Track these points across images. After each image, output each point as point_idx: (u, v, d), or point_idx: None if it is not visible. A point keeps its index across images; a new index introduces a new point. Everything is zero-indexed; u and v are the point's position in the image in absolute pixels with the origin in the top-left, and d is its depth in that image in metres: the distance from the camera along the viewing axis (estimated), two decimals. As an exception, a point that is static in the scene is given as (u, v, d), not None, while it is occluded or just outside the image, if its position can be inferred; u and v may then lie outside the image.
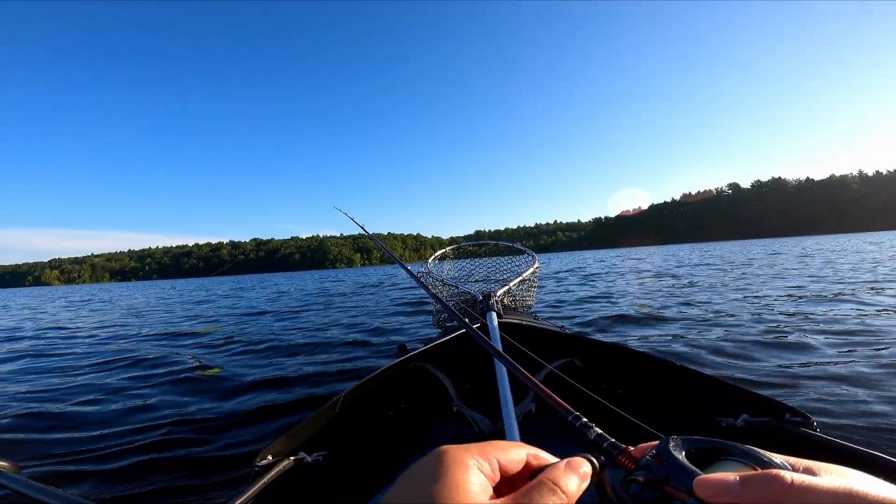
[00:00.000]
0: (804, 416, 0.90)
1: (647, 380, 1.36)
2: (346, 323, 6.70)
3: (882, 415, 2.00)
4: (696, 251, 35.62)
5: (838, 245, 26.94)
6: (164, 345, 5.71)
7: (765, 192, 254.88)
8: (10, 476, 0.77)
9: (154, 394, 3.23)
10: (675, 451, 0.37)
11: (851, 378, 2.51)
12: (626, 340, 4.06)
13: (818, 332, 3.71)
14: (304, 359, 4.22)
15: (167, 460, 2.07)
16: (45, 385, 3.72)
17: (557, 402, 0.57)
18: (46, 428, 2.63)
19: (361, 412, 1.33)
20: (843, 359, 2.91)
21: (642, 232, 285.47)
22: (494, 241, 3.30)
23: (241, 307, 11.04)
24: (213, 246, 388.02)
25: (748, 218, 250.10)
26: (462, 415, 1.44)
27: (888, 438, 1.80)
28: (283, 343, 5.17)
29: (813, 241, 49.62)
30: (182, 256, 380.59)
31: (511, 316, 1.98)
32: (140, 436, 2.40)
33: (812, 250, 21.32)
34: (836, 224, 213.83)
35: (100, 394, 3.32)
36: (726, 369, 2.86)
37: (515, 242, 3.26)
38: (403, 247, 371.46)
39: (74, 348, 5.80)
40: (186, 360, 4.45)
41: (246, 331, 6.62)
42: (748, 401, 1.02)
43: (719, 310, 5.36)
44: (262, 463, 0.94)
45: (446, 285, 2.52)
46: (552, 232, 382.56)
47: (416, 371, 1.60)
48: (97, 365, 4.49)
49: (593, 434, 0.48)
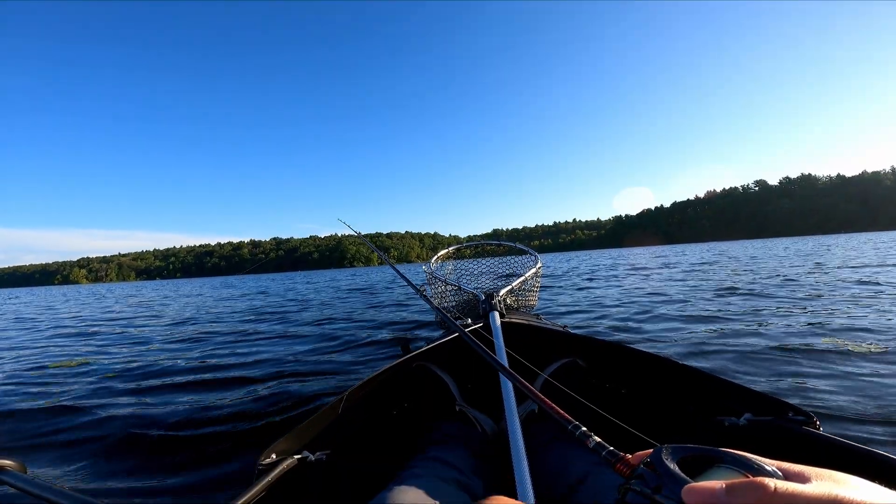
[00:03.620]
0: (807, 415, 0.90)
1: (649, 379, 1.35)
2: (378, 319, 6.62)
3: (885, 414, 1.99)
4: (712, 250, 34.30)
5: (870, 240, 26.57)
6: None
7: (793, 190, 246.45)
8: (16, 475, 0.78)
9: (157, 392, 3.28)
10: (667, 460, 0.39)
11: (855, 376, 2.50)
12: (628, 339, 3.97)
13: (822, 331, 3.67)
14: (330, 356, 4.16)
15: (171, 457, 2.09)
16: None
17: (557, 410, 0.57)
18: (53, 412, 2.77)
19: (364, 411, 1.33)
20: (847, 358, 2.86)
21: (664, 230, 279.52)
22: (497, 242, 3.28)
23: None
24: (234, 245, 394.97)
25: (776, 216, 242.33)
26: (465, 414, 1.43)
27: (890, 438, 1.79)
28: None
29: (846, 238, 49.16)
30: (205, 255, 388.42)
31: (514, 316, 1.96)
32: (145, 432, 2.40)
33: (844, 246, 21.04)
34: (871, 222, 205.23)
35: (106, 389, 3.38)
36: (729, 367, 2.84)
37: (517, 243, 3.23)
38: (421, 245, 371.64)
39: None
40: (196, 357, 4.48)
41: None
42: (751, 399, 1.02)
43: (728, 308, 5.27)
44: (266, 461, 0.94)
45: (449, 285, 2.47)
46: (571, 230, 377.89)
47: (419, 370, 1.58)
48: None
49: (592, 443, 0.49)
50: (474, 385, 1.67)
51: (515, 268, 3.04)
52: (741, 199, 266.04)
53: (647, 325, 4.58)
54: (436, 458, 1.11)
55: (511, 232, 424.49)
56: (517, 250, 3.21)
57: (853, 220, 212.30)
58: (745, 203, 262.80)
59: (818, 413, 1.92)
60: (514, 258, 3.17)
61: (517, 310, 2.44)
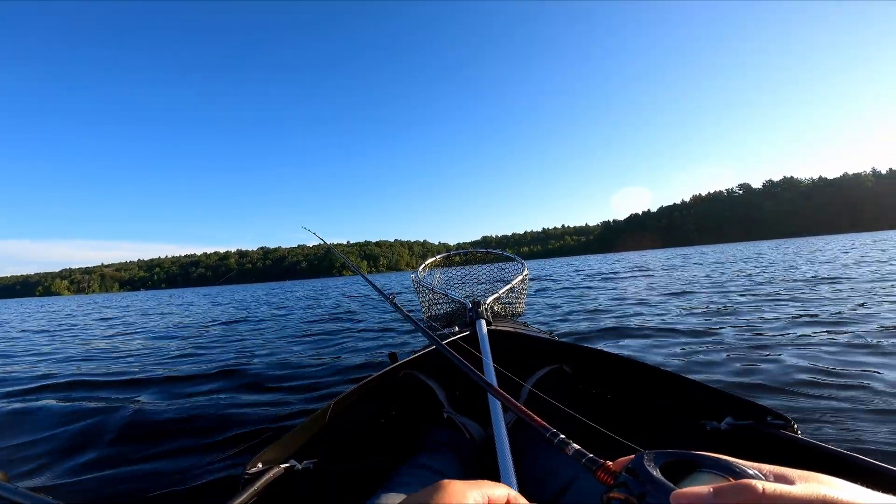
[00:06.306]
0: (785, 419, 0.92)
1: (634, 384, 1.37)
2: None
3: (862, 419, 2.02)
4: (697, 253, 35.24)
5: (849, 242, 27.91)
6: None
7: (777, 192, 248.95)
8: (0, 485, 0.76)
9: (148, 397, 3.33)
10: (649, 466, 0.38)
11: (833, 380, 2.53)
12: (610, 346, 4.03)
13: (800, 338, 3.65)
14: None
15: (157, 466, 2.09)
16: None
17: (535, 420, 0.57)
18: (40, 426, 2.73)
19: (352, 420, 1.33)
20: (824, 361, 2.90)
21: (651, 234, 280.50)
22: (485, 250, 3.31)
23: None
24: (220, 255, 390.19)
25: (761, 219, 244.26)
26: (453, 421, 1.45)
27: (869, 440, 1.81)
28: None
29: (829, 239, 51.96)
30: (190, 266, 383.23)
31: (500, 323, 1.97)
32: (130, 442, 2.42)
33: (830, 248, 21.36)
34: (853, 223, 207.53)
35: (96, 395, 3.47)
36: (710, 373, 2.86)
37: (504, 250, 3.27)
38: (410, 254, 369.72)
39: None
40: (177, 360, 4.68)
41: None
42: (732, 404, 1.04)
43: (708, 312, 5.36)
44: (253, 470, 0.93)
45: (436, 294, 2.53)
46: (560, 236, 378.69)
47: (407, 379, 1.59)
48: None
49: (571, 450, 0.49)
50: (462, 392, 1.66)
51: (503, 275, 3.03)
52: (726, 203, 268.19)
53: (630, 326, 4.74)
54: (424, 465, 1.11)
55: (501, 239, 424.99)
56: (504, 258, 3.19)
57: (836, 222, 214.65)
58: (731, 207, 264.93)
59: (795, 416, 1.85)
60: (502, 265, 3.13)
61: (504, 317, 2.44)
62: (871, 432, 1.85)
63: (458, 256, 3.39)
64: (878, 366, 2.73)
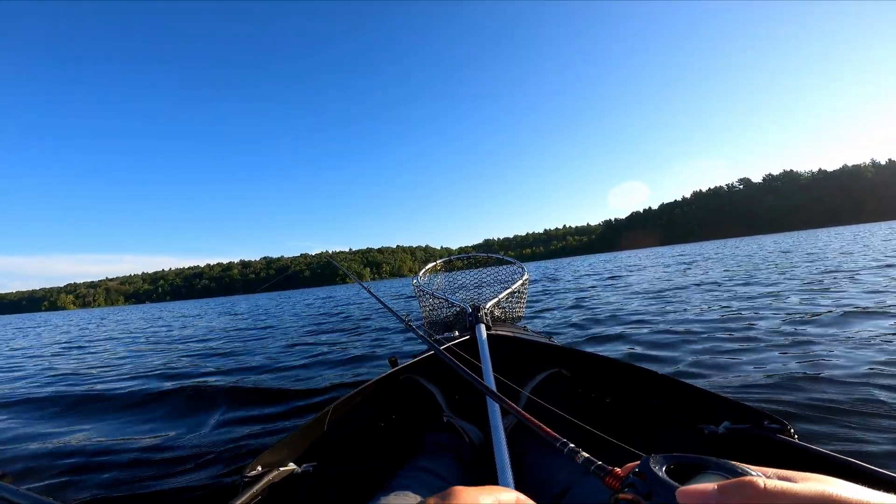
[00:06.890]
0: (781, 423, 0.93)
1: (632, 389, 1.38)
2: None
3: (857, 422, 2.00)
4: (701, 249, 34.84)
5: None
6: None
7: (777, 186, 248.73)
8: (2, 486, 0.77)
9: (134, 406, 3.34)
10: (655, 468, 0.39)
11: (828, 383, 2.47)
12: (611, 348, 4.01)
13: (795, 339, 3.49)
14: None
15: (156, 470, 2.09)
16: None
17: (543, 428, 0.58)
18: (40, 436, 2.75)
19: (351, 423, 1.33)
20: (820, 365, 2.79)
21: (653, 232, 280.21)
22: (485, 254, 3.34)
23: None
24: (224, 266, 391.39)
25: (762, 213, 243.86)
26: (452, 425, 1.45)
27: (864, 443, 1.79)
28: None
29: (834, 231, 51.33)
30: (194, 277, 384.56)
31: (500, 328, 1.98)
32: (127, 444, 2.44)
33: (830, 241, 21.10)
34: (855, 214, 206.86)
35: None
36: (708, 377, 2.81)
37: (504, 254, 3.27)
38: (413, 259, 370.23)
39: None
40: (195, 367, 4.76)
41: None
42: (729, 408, 1.05)
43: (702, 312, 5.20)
44: (252, 474, 0.93)
45: (436, 298, 2.54)
46: (562, 237, 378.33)
47: (406, 383, 1.60)
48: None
49: (581, 458, 0.49)
50: (461, 395, 1.67)
51: (503, 279, 3.03)
52: (727, 198, 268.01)
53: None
54: (423, 468, 1.12)
55: (503, 241, 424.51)
56: (504, 262, 3.21)
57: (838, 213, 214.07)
58: (731, 201, 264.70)
59: (793, 421, 1.87)
60: (502, 269, 3.15)
61: (504, 321, 2.44)
62: (873, 437, 1.84)
63: (458, 261, 3.47)
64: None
